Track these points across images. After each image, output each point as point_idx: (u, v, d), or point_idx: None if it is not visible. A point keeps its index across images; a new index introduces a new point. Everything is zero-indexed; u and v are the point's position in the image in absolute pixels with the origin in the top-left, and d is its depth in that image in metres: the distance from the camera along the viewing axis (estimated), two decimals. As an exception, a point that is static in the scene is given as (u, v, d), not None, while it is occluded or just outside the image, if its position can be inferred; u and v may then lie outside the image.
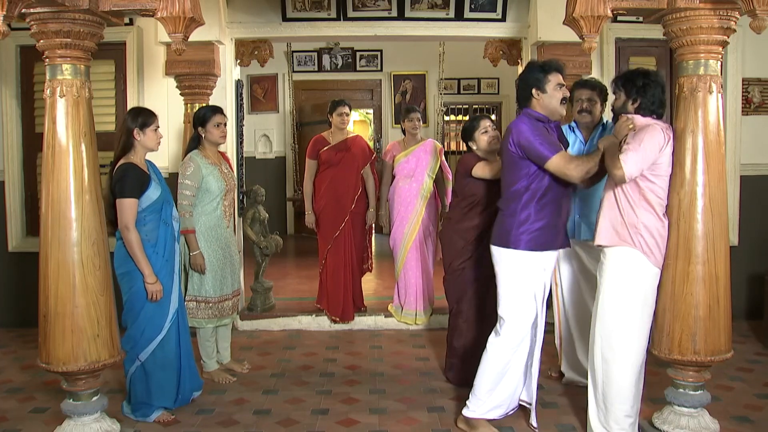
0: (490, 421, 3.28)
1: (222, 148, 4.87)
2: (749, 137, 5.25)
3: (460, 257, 3.83)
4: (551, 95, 3.12)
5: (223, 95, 4.99)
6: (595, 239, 3.11)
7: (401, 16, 4.96)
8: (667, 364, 3.16)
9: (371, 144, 9.00)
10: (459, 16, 4.96)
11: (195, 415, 3.52)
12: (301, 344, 4.75)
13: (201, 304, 3.86)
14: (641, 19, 3.24)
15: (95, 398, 3.08)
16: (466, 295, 3.85)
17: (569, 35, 3.37)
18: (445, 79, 8.96)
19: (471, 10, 4.95)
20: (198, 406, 3.63)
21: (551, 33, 4.60)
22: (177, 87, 4.81)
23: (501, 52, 5.21)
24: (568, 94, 3.26)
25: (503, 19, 4.98)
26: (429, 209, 4.99)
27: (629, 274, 3.02)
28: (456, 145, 9.98)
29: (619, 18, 4.81)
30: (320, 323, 5.11)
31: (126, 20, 4.56)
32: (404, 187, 5.00)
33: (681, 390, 3.12)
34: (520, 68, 5.16)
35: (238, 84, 5.20)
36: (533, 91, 3.13)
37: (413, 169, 4.98)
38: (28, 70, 5.05)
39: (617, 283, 3.03)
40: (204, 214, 3.84)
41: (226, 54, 4.96)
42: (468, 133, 3.81)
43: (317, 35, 5.23)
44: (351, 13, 4.94)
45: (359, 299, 5.26)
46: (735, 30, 2.99)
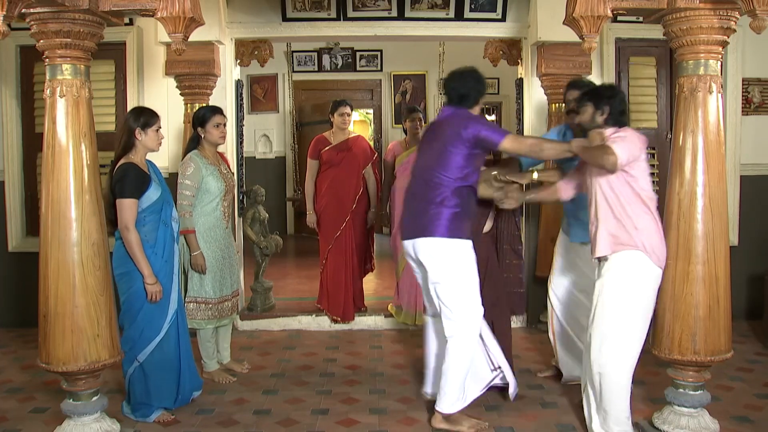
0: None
1: (222, 148, 4.86)
2: (749, 137, 5.25)
3: None
4: (479, 104, 3.43)
5: (223, 95, 4.98)
6: (595, 253, 3.11)
7: (401, 16, 4.95)
8: (667, 364, 3.16)
9: (371, 144, 9.00)
10: (459, 16, 4.96)
11: (195, 415, 3.52)
12: (301, 344, 4.75)
13: (201, 305, 3.86)
14: (641, 19, 3.25)
15: (95, 398, 3.08)
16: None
17: (569, 35, 3.37)
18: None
19: (471, 10, 4.94)
20: (198, 406, 3.63)
21: (551, 33, 4.60)
22: (177, 87, 4.81)
23: (501, 52, 5.21)
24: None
25: (503, 19, 4.97)
26: None
27: (632, 277, 3.01)
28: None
29: (619, 18, 4.80)
30: (320, 323, 5.11)
31: (126, 20, 4.56)
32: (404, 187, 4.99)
33: (681, 390, 3.12)
34: (521, 68, 5.17)
35: (238, 84, 5.20)
36: (472, 95, 3.39)
37: None
38: (28, 70, 5.05)
39: (620, 286, 3.02)
40: (203, 215, 3.84)
41: (226, 54, 4.96)
42: None
43: (317, 35, 5.23)
44: (351, 13, 4.94)
45: (360, 299, 5.26)
46: (735, 30, 2.99)
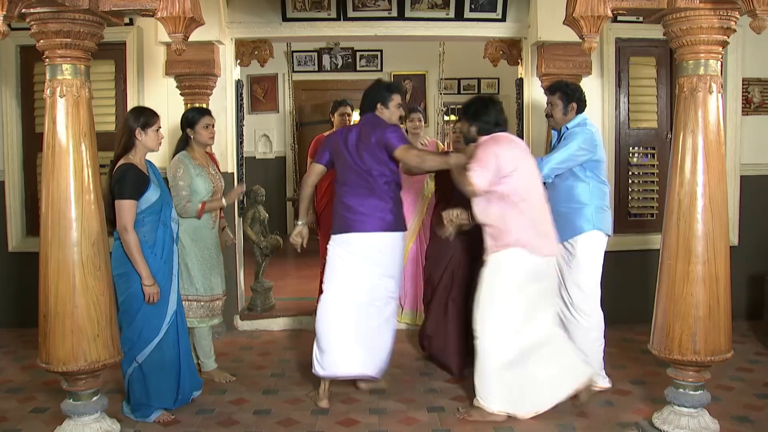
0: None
1: (222, 148, 4.86)
2: (749, 137, 5.25)
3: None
4: (392, 112, 3.77)
5: (223, 95, 4.99)
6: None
7: (401, 16, 4.95)
8: (667, 364, 3.16)
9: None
10: (459, 16, 4.96)
11: (195, 415, 3.52)
12: (301, 344, 4.74)
13: (193, 304, 3.86)
14: (641, 19, 3.24)
15: (95, 398, 3.08)
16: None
17: (569, 35, 3.37)
18: (445, 79, 8.95)
19: (471, 10, 4.94)
20: (198, 406, 3.63)
21: (551, 33, 4.59)
22: (177, 87, 4.81)
23: (501, 52, 5.21)
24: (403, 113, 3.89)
25: (503, 19, 4.97)
26: (430, 210, 4.98)
27: (507, 271, 3.38)
28: (450, 146, 9.98)
29: (619, 18, 4.81)
30: (320, 323, 5.11)
31: (126, 20, 4.56)
32: (405, 188, 4.99)
33: (681, 390, 3.12)
34: (521, 68, 5.17)
35: (238, 84, 5.20)
36: (378, 105, 3.75)
37: None
38: (28, 70, 5.05)
39: (494, 281, 3.40)
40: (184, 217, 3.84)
41: (226, 54, 4.96)
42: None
43: (317, 35, 5.23)
44: (351, 13, 4.94)
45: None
46: (735, 30, 2.98)
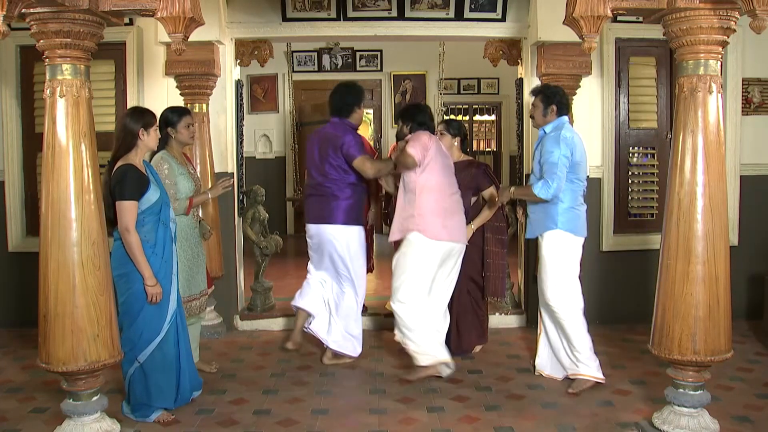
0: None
1: (222, 148, 4.86)
2: (749, 137, 5.25)
3: None
4: (359, 114, 4.31)
5: (223, 95, 4.99)
6: (391, 237, 4.17)
7: (401, 16, 4.95)
8: (667, 364, 3.16)
9: (371, 144, 9.00)
10: (459, 16, 4.96)
11: (195, 415, 3.52)
12: (301, 344, 4.74)
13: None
14: (641, 19, 3.24)
15: (95, 398, 3.08)
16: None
17: (569, 35, 3.37)
18: (445, 79, 8.96)
19: (471, 10, 4.94)
20: (198, 406, 3.63)
21: (551, 33, 4.59)
22: (177, 87, 4.81)
23: (501, 52, 5.21)
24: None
25: (503, 19, 4.97)
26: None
27: (413, 249, 3.96)
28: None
29: (619, 18, 4.81)
30: (320, 323, 5.11)
31: (126, 20, 4.56)
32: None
33: (681, 390, 3.12)
34: (521, 68, 5.17)
35: (238, 84, 5.20)
36: (354, 108, 4.26)
37: None
38: (28, 70, 5.05)
39: (405, 257, 4.00)
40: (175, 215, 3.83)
41: (226, 54, 4.96)
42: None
43: (317, 35, 5.23)
44: (351, 13, 4.94)
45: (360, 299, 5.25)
46: (735, 30, 2.98)
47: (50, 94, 2.89)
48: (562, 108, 3.94)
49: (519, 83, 5.23)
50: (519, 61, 5.18)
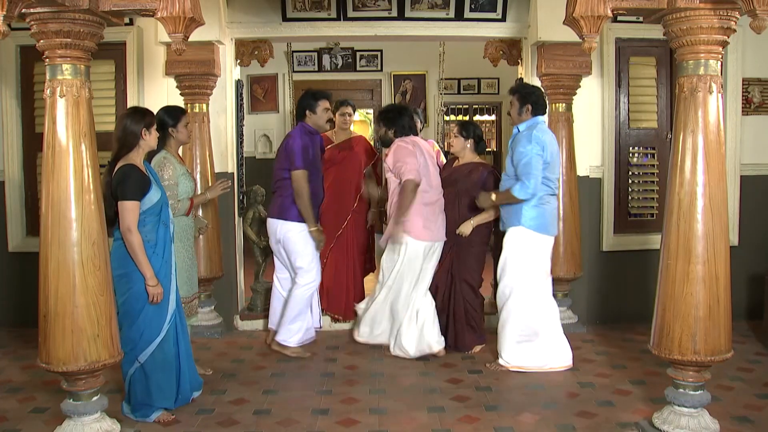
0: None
1: (222, 149, 4.87)
2: (749, 137, 5.25)
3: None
4: (319, 116, 4.46)
5: (223, 95, 4.98)
6: (383, 241, 4.39)
7: (401, 16, 4.95)
8: (667, 364, 3.16)
9: (372, 143, 9.01)
10: (459, 16, 4.96)
11: (195, 415, 3.52)
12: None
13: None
14: (641, 19, 3.24)
15: (95, 398, 3.08)
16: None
17: (569, 35, 3.37)
18: (445, 79, 8.94)
19: (471, 10, 4.94)
20: (198, 406, 3.63)
21: (551, 33, 4.59)
22: (177, 87, 4.80)
23: (501, 52, 5.21)
24: (332, 117, 4.73)
25: (503, 19, 4.97)
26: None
27: (404, 252, 4.27)
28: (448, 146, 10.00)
29: (619, 18, 4.81)
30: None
31: (126, 20, 4.56)
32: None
33: (681, 390, 3.12)
34: (521, 68, 5.17)
35: (238, 84, 5.20)
36: (306, 112, 4.45)
37: None
38: (28, 70, 5.05)
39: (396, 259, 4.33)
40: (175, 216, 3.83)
41: (226, 54, 4.96)
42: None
43: (317, 35, 5.23)
44: (351, 13, 4.94)
45: (361, 298, 5.24)
46: (735, 30, 2.98)
47: (50, 94, 2.89)
48: (538, 108, 4.11)
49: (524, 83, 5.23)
50: (519, 61, 5.18)
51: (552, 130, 4.75)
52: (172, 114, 3.92)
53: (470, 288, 4.53)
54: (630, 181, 5.23)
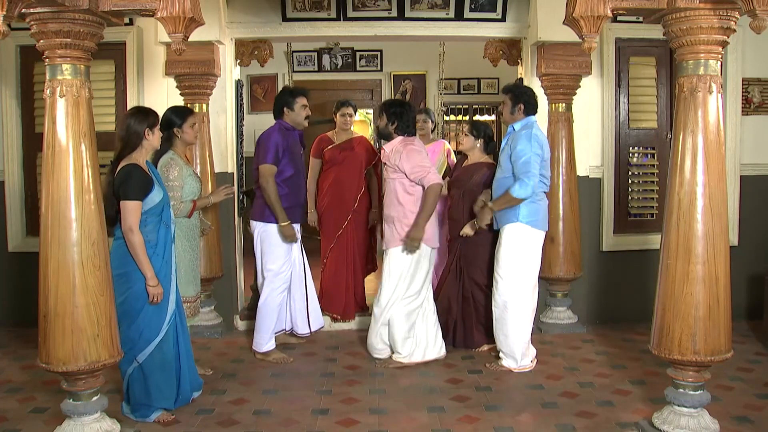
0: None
1: (222, 148, 4.87)
2: (749, 137, 5.25)
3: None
4: (297, 113, 4.45)
5: (223, 95, 4.99)
6: (385, 245, 4.25)
7: (401, 16, 4.95)
8: (667, 364, 3.16)
9: (372, 143, 9.01)
10: (459, 16, 4.95)
11: (195, 415, 3.52)
12: (301, 344, 4.74)
13: (183, 305, 3.84)
14: (641, 19, 3.24)
15: (95, 398, 3.08)
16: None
17: (569, 35, 3.37)
18: (445, 79, 8.94)
19: (471, 10, 4.94)
20: (198, 406, 3.63)
21: (551, 33, 4.60)
22: (177, 87, 4.81)
23: (501, 52, 5.21)
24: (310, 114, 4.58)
25: (503, 19, 4.97)
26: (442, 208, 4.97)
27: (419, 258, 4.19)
28: (456, 146, 9.99)
29: (619, 18, 4.81)
30: (320, 323, 5.11)
31: (126, 20, 4.56)
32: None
33: (681, 390, 3.12)
34: (521, 68, 5.17)
35: (238, 84, 5.20)
36: (284, 109, 4.42)
37: None
38: (28, 70, 5.05)
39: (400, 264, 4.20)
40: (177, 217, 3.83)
41: (226, 54, 4.96)
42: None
43: (317, 35, 5.23)
44: (351, 13, 4.94)
45: (361, 299, 5.25)
46: (735, 30, 2.98)
47: (50, 94, 2.89)
48: (530, 108, 4.16)
49: (519, 83, 5.23)
50: (519, 61, 5.18)
51: (552, 130, 4.78)
52: (180, 114, 3.92)
53: (479, 287, 4.51)
54: (630, 181, 5.23)
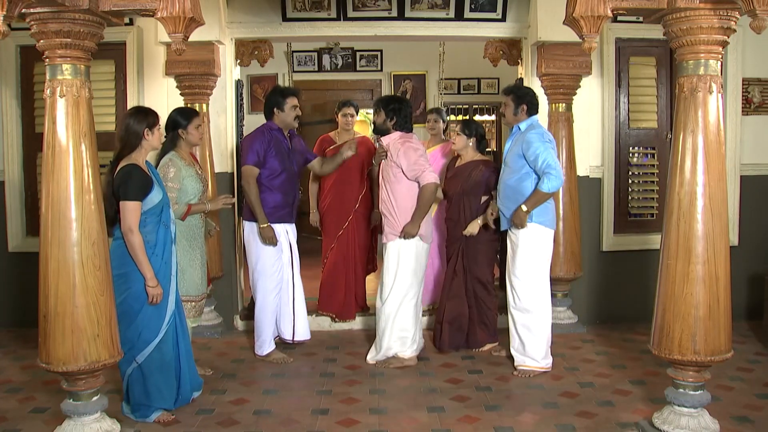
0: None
1: (222, 149, 4.87)
2: (749, 137, 5.25)
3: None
4: (287, 113, 4.34)
5: (223, 95, 4.99)
6: (384, 239, 4.30)
7: (401, 16, 4.95)
8: (667, 364, 3.16)
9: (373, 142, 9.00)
10: (459, 16, 4.96)
11: (195, 415, 3.52)
12: (302, 344, 4.74)
13: (188, 305, 3.84)
14: (641, 19, 3.24)
15: (95, 398, 3.08)
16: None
17: (569, 35, 3.38)
18: (445, 79, 8.94)
19: (471, 10, 4.94)
20: (198, 406, 3.63)
21: (551, 33, 4.60)
22: (177, 87, 4.81)
23: (501, 52, 5.21)
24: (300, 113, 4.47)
25: (503, 19, 4.97)
26: (440, 209, 4.97)
27: (405, 250, 4.22)
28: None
29: (619, 18, 4.81)
30: (320, 323, 5.11)
31: (126, 20, 4.56)
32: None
33: (681, 390, 3.12)
34: (521, 68, 5.18)
35: (238, 84, 5.20)
36: (274, 110, 4.33)
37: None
38: (28, 70, 5.05)
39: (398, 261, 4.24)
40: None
41: (226, 54, 4.96)
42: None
43: (317, 35, 5.23)
44: (351, 13, 4.94)
45: (361, 299, 5.25)
46: (735, 30, 2.98)
47: (50, 94, 2.89)
48: (532, 108, 4.19)
49: (519, 83, 5.23)
50: (519, 61, 5.18)
51: (552, 130, 4.77)
52: (185, 115, 3.91)
53: (483, 286, 4.51)
54: (630, 181, 5.23)
